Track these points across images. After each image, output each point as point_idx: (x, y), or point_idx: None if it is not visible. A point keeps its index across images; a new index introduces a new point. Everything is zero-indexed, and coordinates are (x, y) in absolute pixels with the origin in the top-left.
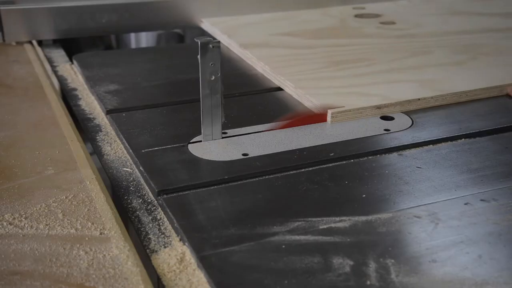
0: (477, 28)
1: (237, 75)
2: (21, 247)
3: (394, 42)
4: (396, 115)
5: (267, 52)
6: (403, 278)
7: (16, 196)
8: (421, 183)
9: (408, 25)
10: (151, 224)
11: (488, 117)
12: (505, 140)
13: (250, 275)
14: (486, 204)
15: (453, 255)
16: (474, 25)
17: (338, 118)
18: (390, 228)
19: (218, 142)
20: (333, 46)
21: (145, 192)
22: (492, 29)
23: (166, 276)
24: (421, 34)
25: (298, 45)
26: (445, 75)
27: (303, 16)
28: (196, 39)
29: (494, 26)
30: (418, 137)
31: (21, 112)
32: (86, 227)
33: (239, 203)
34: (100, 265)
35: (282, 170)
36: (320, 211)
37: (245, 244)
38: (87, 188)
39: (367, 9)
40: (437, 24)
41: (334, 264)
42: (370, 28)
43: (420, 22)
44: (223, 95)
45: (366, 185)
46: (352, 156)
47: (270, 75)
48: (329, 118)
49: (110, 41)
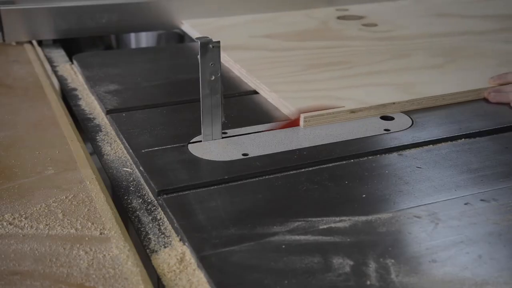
0: (460, 31)
1: None
2: (21, 247)
3: (375, 44)
4: (396, 115)
5: (246, 54)
6: (403, 278)
7: (16, 196)
8: (421, 183)
9: (390, 27)
10: (151, 224)
11: (488, 117)
12: (505, 140)
13: (250, 275)
14: (486, 204)
15: (453, 255)
16: (457, 27)
17: (311, 122)
18: (390, 228)
19: (218, 142)
20: (313, 49)
21: (145, 192)
22: (474, 32)
23: (166, 276)
24: (402, 36)
25: (278, 47)
26: (423, 78)
27: (286, 18)
28: (196, 39)
29: (476, 29)
30: (418, 137)
31: (21, 112)
32: (86, 227)
33: (239, 203)
34: (100, 265)
35: (282, 170)
36: (320, 211)
37: (245, 244)
38: (87, 188)
39: (351, 11)
40: (420, 26)
41: (334, 264)
42: (352, 30)
43: (402, 24)
44: (223, 95)
45: (366, 185)
46: (352, 156)
47: (247, 78)
48: (301, 123)
49: (110, 41)
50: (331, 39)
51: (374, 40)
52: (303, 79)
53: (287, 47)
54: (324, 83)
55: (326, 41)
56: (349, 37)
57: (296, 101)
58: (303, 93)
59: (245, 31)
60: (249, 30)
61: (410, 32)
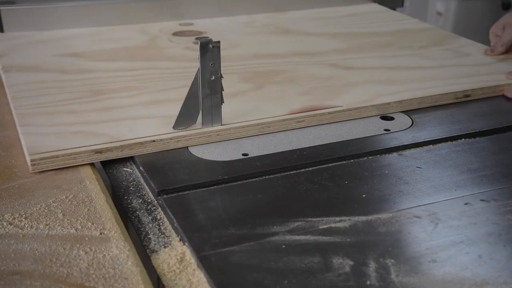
0: (293, 51)
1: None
2: (21, 247)
3: (189, 66)
4: (396, 115)
5: (30, 77)
6: (403, 278)
7: (16, 196)
8: (421, 183)
9: (223, 45)
10: (151, 224)
11: (488, 117)
12: (505, 140)
13: (250, 275)
14: (486, 204)
15: (453, 255)
16: (294, 47)
17: (42, 165)
18: (390, 228)
19: (219, 142)
20: (115, 71)
21: (145, 192)
22: (308, 53)
23: (166, 276)
24: (227, 57)
25: (75, 68)
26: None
27: (116, 33)
28: (196, 39)
29: (312, 49)
30: (418, 137)
31: None
32: (86, 227)
33: (239, 203)
34: (100, 265)
35: (282, 170)
36: (320, 211)
37: (245, 244)
38: (87, 188)
39: (195, 26)
40: (254, 45)
41: (334, 264)
42: (178, 48)
43: (238, 43)
44: (223, 95)
45: (366, 185)
46: (352, 156)
47: (11, 105)
48: (29, 166)
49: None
50: (146, 59)
51: (193, 61)
52: (68, 109)
53: (87, 68)
54: (87, 115)
55: (136, 62)
56: (168, 57)
57: (40, 138)
58: (54, 128)
59: (54, 48)
60: (60, 47)
61: (238, 52)
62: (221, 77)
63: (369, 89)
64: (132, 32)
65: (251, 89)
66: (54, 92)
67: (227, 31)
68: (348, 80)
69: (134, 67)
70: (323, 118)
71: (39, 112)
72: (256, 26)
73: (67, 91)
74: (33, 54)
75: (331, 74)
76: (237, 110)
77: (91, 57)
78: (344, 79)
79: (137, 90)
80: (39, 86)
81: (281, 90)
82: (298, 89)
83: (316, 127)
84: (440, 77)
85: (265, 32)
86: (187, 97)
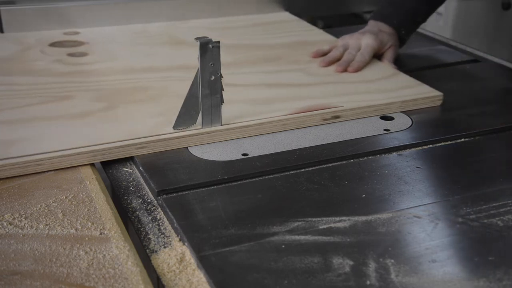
0: (174, 65)
1: None
2: (21, 247)
3: (45, 82)
4: (396, 115)
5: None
6: (403, 278)
7: (16, 196)
8: (421, 183)
9: (101, 58)
10: (151, 224)
11: (488, 117)
12: (505, 140)
13: (250, 275)
14: (486, 204)
15: (453, 255)
16: (178, 60)
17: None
18: (390, 228)
19: (218, 142)
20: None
21: (145, 192)
22: (189, 66)
23: (166, 276)
24: (97, 71)
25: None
26: (39, 132)
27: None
28: (196, 39)
29: (195, 63)
30: (418, 137)
31: None
32: (86, 227)
33: (239, 203)
34: (100, 265)
35: (282, 170)
36: (320, 211)
37: (245, 244)
38: (87, 188)
39: (80, 35)
40: (136, 58)
41: (334, 264)
42: (46, 61)
43: (119, 55)
44: (223, 95)
45: (366, 185)
46: (352, 156)
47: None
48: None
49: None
50: (4, 74)
51: (53, 76)
52: None
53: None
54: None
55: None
56: (29, 71)
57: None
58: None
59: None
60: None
61: (112, 66)
62: (221, 77)
63: (237, 108)
64: (6, 42)
65: (100, 110)
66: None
67: (113, 42)
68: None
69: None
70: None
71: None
72: (147, 36)
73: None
74: None
75: None
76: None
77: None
78: None
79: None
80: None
81: (135, 110)
82: (151, 110)
83: (316, 127)
84: (313, 95)
85: (155, 43)
86: (187, 97)
